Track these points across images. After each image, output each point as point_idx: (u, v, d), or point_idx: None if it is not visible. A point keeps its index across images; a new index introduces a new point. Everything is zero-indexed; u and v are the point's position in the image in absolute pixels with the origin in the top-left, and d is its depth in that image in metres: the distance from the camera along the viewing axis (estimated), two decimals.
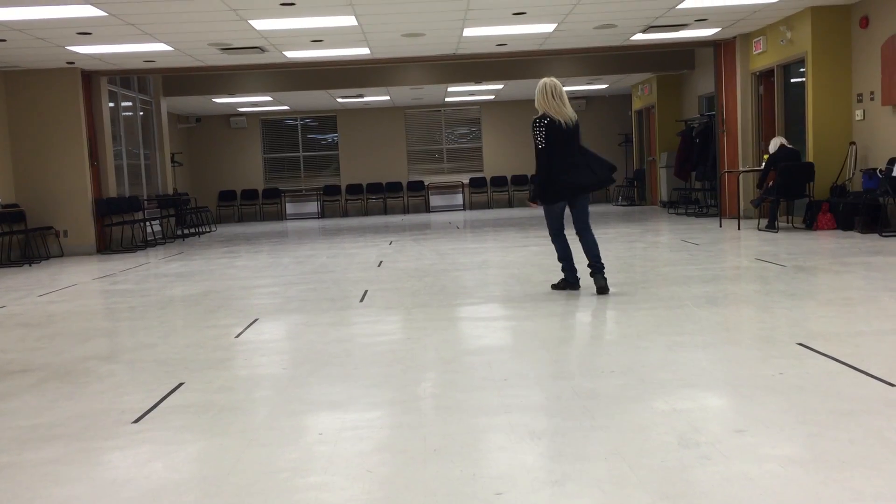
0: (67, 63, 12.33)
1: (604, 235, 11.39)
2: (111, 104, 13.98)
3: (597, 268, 6.41)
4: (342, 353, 4.76)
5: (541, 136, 6.19)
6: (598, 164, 6.36)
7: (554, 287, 6.74)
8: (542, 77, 6.42)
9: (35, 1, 8.45)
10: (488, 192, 21.57)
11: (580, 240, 6.45)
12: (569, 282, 6.64)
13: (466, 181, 21.62)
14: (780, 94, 12.26)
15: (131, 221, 13.52)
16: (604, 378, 3.91)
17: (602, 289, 6.35)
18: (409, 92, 18.09)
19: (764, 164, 11.07)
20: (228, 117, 21.24)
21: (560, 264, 6.64)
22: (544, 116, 6.21)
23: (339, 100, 18.98)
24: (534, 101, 6.37)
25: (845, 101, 10.99)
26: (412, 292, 7.02)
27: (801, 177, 10.62)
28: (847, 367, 3.88)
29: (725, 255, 8.55)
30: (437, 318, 5.73)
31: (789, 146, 10.80)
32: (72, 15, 9.15)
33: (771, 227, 10.81)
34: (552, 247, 10.15)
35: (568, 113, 6.23)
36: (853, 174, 10.72)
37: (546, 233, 7.12)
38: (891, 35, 9.85)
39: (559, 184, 6.26)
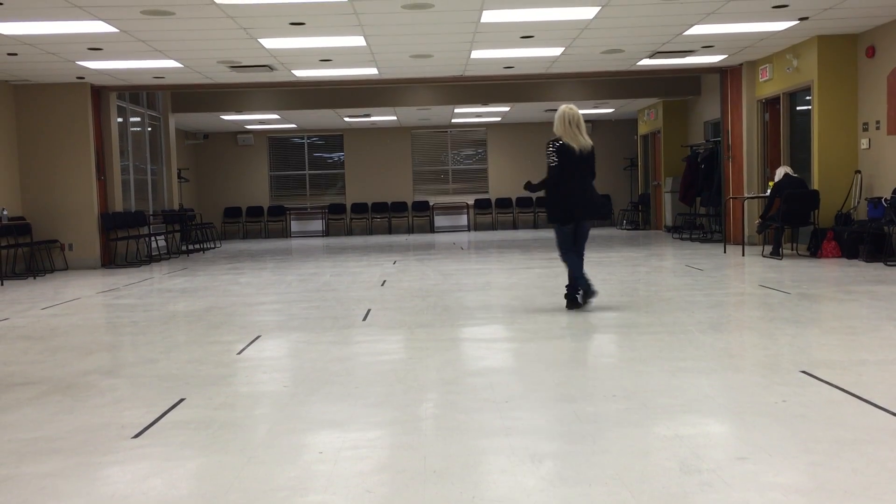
0: (77, 78, 12.42)
1: (607, 259, 11.39)
2: (119, 119, 14.06)
3: (570, 291, 6.82)
4: (343, 372, 4.75)
5: (554, 157, 6.60)
6: (597, 197, 6.80)
7: (575, 306, 6.85)
8: (548, 100, 6.75)
9: (47, 16, 8.53)
10: (493, 214, 21.61)
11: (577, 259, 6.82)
12: (587, 293, 6.79)
13: (471, 202, 21.66)
14: (785, 121, 12.29)
15: (136, 236, 13.55)
16: (606, 402, 3.90)
17: (569, 305, 6.84)
18: (416, 112, 18.17)
19: (769, 191, 11.09)
20: (236, 134, 21.34)
21: (571, 281, 6.85)
22: (558, 139, 6.61)
23: (347, 119, 19.08)
24: (539, 123, 6.71)
25: (851, 130, 11.01)
26: (415, 312, 7.01)
27: (806, 204, 10.62)
28: (850, 396, 3.87)
29: (729, 281, 8.53)
30: (440, 339, 5.72)
31: (794, 175, 10.81)
32: (83, 31, 9.23)
33: (775, 253, 10.81)
34: (556, 269, 10.19)
35: (582, 140, 6.61)
36: (858, 203, 10.72)
37: (552, 255, 7.27)
38: None
39: (567, 206, 6.65)
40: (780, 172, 10.86)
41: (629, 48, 11.45)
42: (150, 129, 15.70)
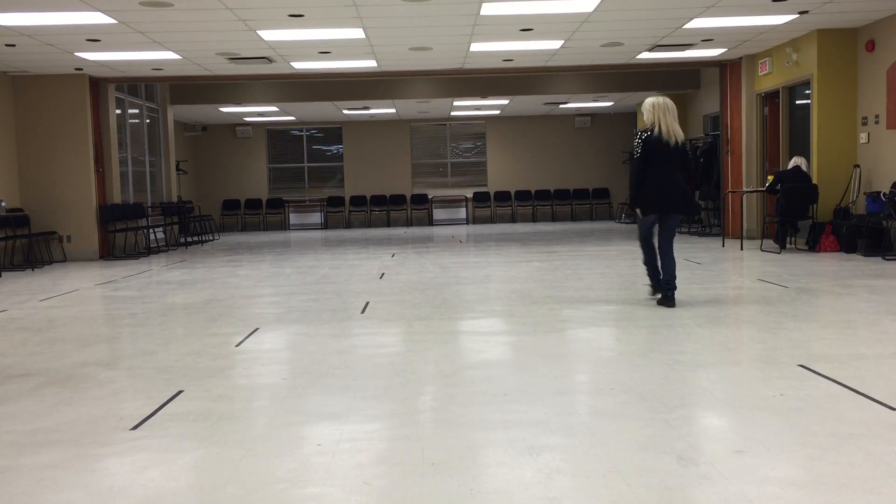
0: (76, 69, 12.39)
1: (606, 252, 11.39)
2: (118, 111, 14.03)
3: (669, 287, 6.50)
4: (342, 365, 4.75)
5: (638, 148, 6.46)
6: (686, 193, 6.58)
7: (655, 298, 6.73)
8: (548, 93, 6.69)
9: (45, 7, 8.50)
10: (492, 207, 21.60)
11: (661, 256, 6.58)
12: (656, 286, 6.72)
13: (470, 195, 21.65)
14: (785, 115, 12.28)
15: (135, 228, 13.54)
16: (604, 395, 3.90)
17: (668, 301, 6.50)
18: (415, 105, 18.15)
19: (768, 184, 11.09)
20: (234, 126, 21.30)
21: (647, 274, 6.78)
22: (646, 130, 6.49)
23: (345, 111, 19.05)
24: (538, 116, 6.65)
25: (850, 124, 11.00)
26: (413, 305, 7.01)
27: (805, 198, 10.62)
28: (848, 390, 3.87)
29: (728, 275, 8.54)
30: (438, 332, 5.73)
31: (804, 170, 10.73)
32: (81, 22, 9.21)
33: (781, 245, 10.86)
34: (555, 263, 10.21)
35: (676, 130, 6.44)
36: (857, 197, 10.72)
37: (550, 248, 7.25)
38: None
39: (650, 197, 6.47)
40: (792, 162, 10.81)
41: (628, 41, 11.43)
42: (148, 120, 15.67)
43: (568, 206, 21.51)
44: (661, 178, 6.41)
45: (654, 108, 6.42)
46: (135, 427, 3.62)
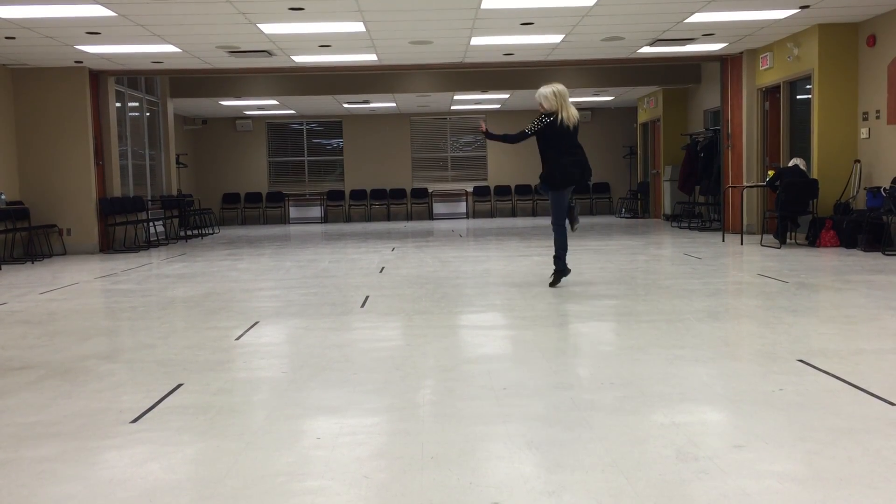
0: (75, 62, 12.37)
1: (606, 247, 11.39)
2: (118, 104, 14.02)
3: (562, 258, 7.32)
4: (342, 359, 4.76)
5: (536, 127, 7.20)
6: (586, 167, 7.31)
7: (553, 285, 7.40)
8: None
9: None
10: (492, 201, 21.59)
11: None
12: (561, 270, 7.37)
13: (470, 190, 21.64)
14: (785, 110, 12.27)
15: (135, 221, 13.54)
16: (603, 390, 3.91)
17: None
18: (416, 99, 18.13)
19: (768, 179, 11.09)
20: (234, 120, 21.29)
21: (555, 254, 7.36)
22: (549, 114, 7.15)
23: (346, 105, 19.03)
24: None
25: (851, 119, 10.99)
26: (413, 299, 7.02)
27: (805, 194, 10.62)
28: (847, 385, 3.87)
29: (728, 270, 8.54)
30: (438, 326, 5.73)
31: (802, 168, 10.74)
32: (81, 14, 9.19)
33: (781, 240, 10.86)
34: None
35: (574, 112, 7.15)
36: (857, 192, 10.71)
37: (550, 243, 7.54)
38: None
39: (566, 173, 7.15)
40: (791, 162, 10.86)
41: (629, 36, 11.41)
42: (148, 114, 15.66)
43: None
44: (568, 156, 7.14)
45: (556, 95, 7.11)
46: (134, 420, 3.62)
